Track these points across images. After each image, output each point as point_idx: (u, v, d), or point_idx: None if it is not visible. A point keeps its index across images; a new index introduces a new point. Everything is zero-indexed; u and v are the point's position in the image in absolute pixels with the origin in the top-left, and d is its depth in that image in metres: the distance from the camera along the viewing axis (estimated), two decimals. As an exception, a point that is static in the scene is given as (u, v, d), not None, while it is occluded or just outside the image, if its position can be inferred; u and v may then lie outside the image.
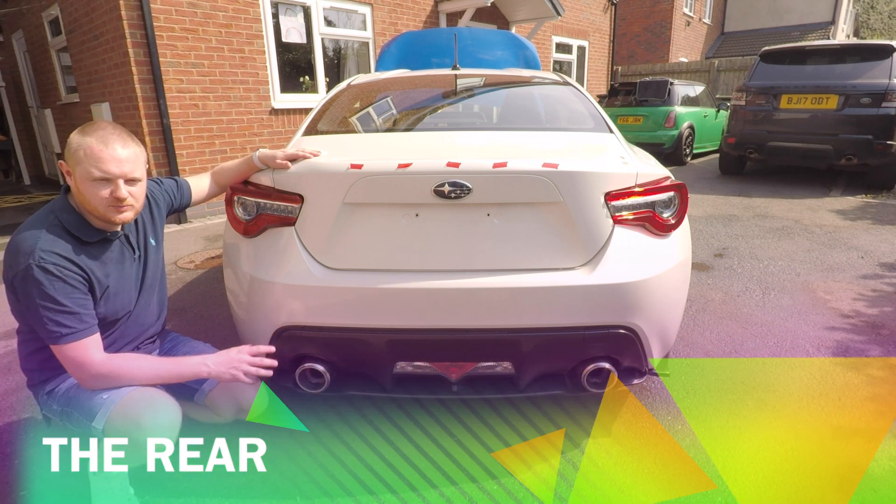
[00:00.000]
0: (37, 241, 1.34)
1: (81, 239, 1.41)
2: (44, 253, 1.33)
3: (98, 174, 1.35)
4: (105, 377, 1.41)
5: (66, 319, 1.35)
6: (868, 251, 4.17)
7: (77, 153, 1.35)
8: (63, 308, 1.34)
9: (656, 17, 17.85)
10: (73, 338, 1.36)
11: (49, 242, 1.35)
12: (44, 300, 1.32)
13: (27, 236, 1.35)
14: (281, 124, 6.46)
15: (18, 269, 1.32)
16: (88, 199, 1.38)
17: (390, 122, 2.31)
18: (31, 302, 1.33)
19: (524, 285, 1.58)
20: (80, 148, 1.35)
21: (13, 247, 1.36)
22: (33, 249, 1.32)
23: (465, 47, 3.59)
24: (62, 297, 1.34)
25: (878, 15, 29.05)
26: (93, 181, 1.35)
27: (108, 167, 1.35)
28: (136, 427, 1.37)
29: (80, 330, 1.37)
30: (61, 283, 1.34)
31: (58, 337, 1.35)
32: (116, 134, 1.39)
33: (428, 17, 8.17)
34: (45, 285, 1.32)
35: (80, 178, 1.36)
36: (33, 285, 1.32)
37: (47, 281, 1.32)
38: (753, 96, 6.75)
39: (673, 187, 1.74)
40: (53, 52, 7.06)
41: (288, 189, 1.68)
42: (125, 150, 1.39)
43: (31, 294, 1.33)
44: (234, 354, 1.53)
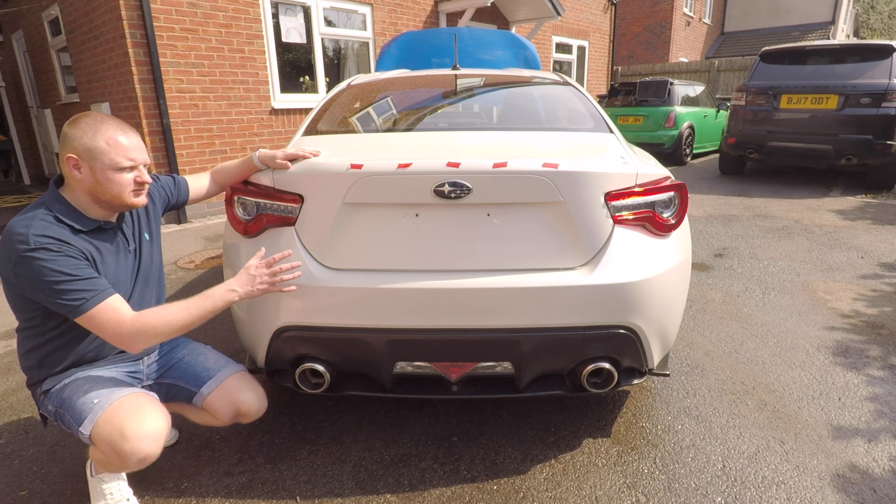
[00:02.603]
0: (28, 228, 1.32)
1: (75, 227, 1.40)
2: (38, 237, 1.31)
3: (127, 163, 1.42)
4: (145, 332, 1.39)
5: (82, 285, 1.34)
6: (868, 251, 4.17)
7: (97, 145, 1.38)
8: (75, 277, 1.33)
9: (656, 17, 17.85)
10: (95, 300, 1.35)
11: (42, 228, 1.34)
12: (53, 275, 1.31)
13: (18, 225, 1.33)
14: (281, 124, 6.46)
15: (17, 258, 1.30)
16: (110, 188, 1.41)
17: (390, 122, 2.31)
18: (41, 283, 1.31)
19: (524, 285, 1.58)
20: (101, 139, 1.38)
21: (6, 238, 1.33)
22: (27, 236, 1.31)
23: (465, 47, 3.60)
24: (70, 269, 1.33)
25: (878, 15, 29.05)
26: (118, 170, 1.41)
27: (135, 155, 1.44)
28: (120, 436, 1.35)
29: (100, 291, 1.36)
30: (64, 258, 1.33)
31: (80, 305, 1.34)
32: (122, 124, 1.46)
33: (428, 17, 8.17)
34: (48, 262, 1.31)
35: (103, 169, 1.39)
36: (38, 265, 1.30)
37: (49, 257, 1.31)
38: (753, 96, 6.75)
39: (673, 187, 1.74)
40: (53, 52, 7.06)
41: (288, 189, 1.68)
42: (137, 138, 1.48)
43: (39, 274, 1.31)
44: (252, 272, 1.53)
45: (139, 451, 1.36)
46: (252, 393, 1.69)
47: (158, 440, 1.40)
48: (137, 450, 1.36)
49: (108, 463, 1.42)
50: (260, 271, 1.53)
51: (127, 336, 1.38)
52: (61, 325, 1.45)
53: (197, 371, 1.68)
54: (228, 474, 1.81)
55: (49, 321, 1.44)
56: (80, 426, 1.40)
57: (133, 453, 1.35)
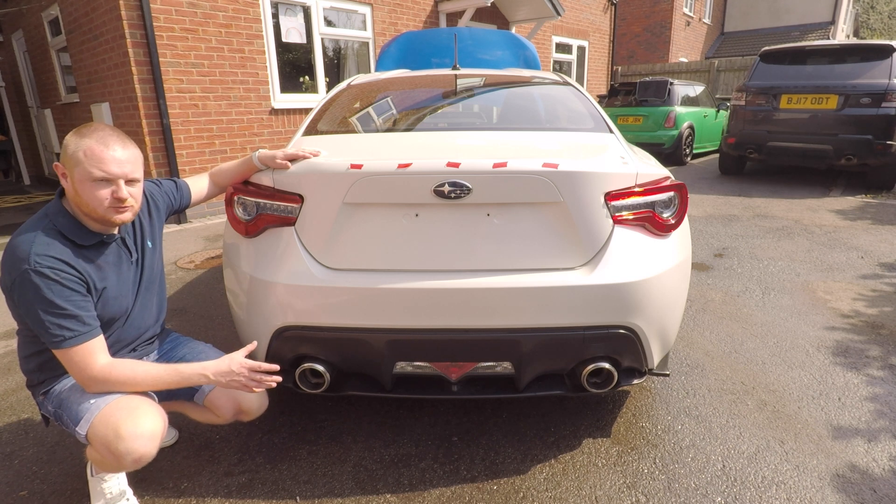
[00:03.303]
0: (31, 245, 1.33)
1: (77, 242, 1.40)
2: (39, 257, 1.32)
3: (99, 174, 1.35)
4: (106, 382, 1.40)
5: (66, 322, 1.34)
6: (868, 251, 4.17)
7: (76, 154, 1.34)
8: (63, 311, 1.34)
9: (656, 17, 17.86)
10: (74, 341, 1.36)
11: (44, 246, 1.34)
12: (43, 304, 1.32)
13: (22, 241, 1.34)
14: (281, 124, 6.46)
15: (15, 276, 1.32)
16: (87, 200, 1.37)
17: (390, 122, 2.31)
18: (30, 307, 1.33)
19: (524, 285, 1.58)
20: (80, 149, 1.34)
21: (9, 253, 1.35)
22: (28, 254, 1.32)
23: (465, 47, 3.60)
24: (61, 301, 1.33)
25: (878, 15, 29.05)
26: (93, 182, 1.35)
27: (110, 167, 1.35)
28: (115, 436, 1.35)
29: (81, 333, 1.36)
30: (59, 287, 1.33)
31: (60, 341, 1.34)
32: (115, 135, 1.40)
33: (428, 17, 8.17)
34: (42, 290, 1.31)
35: (80, 179, 1.35)
36: (31, 290, 1.31)
37: (45, 285, 1.32)
38: (753, 96, 6.76)
39: (673, 187, 1.74)
40: (53, 52, 7.06)
41: (288, 189, 1.68)
42: (125, 150, 1.40)
43: (30, 299, 1.32)
44: (234, 367, 1.49)
45: (134, 451, 1.36)
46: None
47: (154, 440, 1.40)
48: (133, 450, 1.35)
49: (105, 463, 1.42)
50: (241, 371, 1.49)
51: (90, 381, 1.40)
52: None
53: None
54: (228, 474, 1.81)
55: None
56: (76, 426, 1.40)
57: (128, 453, 1.35)
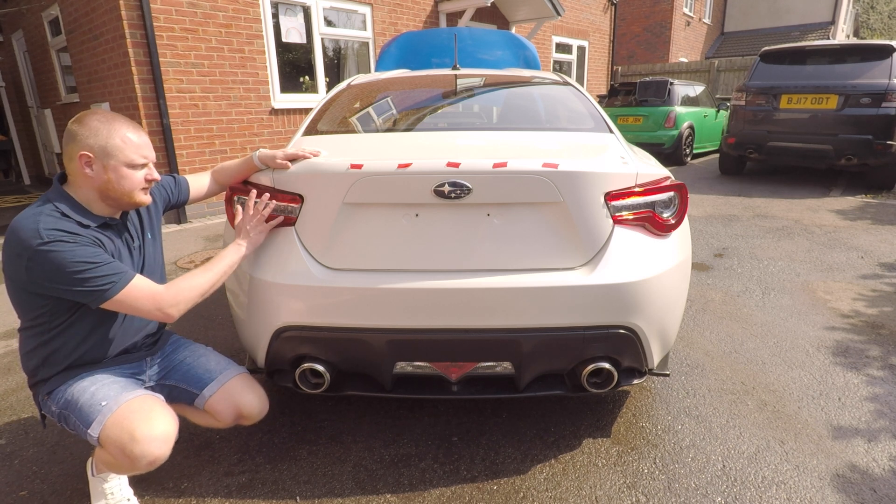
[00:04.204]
0: (38, 223, 1.31)
1: (81, 222, 1.40)
2: (49, 231, 1.31)
3: (140, 160, 1.45)
4: (180, 300, 1.45)
5: (105, 270, 1.34)
6: (868, 251, 4.17)
7: (113, 142, 1.40)
8: (97, 263, 1.34)
9: (656, 17, 17.85)
10: (123, 282, 1.37)
11: (51, 223, 1.33)
12: (74, 265, 1.31)
13: (27, 223, 1.32)
14: (281, 124, 6.46)
15: (31, 253, 1.29)
16: (121, 184, 1.42)
17: (390, 122, 2.31)
18: (62, 274, 1.30)
19: (524, 285, 1.58)
20: (116, 137, 1.40)
21: (12, 237, 1.32)
22: (38, 231, 1.30)
23: (465, 47, 3.60)
24: (90, 257, 1.33)
25: (878, 15, 29.05)
26: (132, 167, 1.43)
27: (147, 152, 1.48)
28: (130, 439, 1.35)
29: (124, 272, 1.38)
30: (81, 248, 1.33)
31: (109, 288, 1.34)
32: (135, 122, 1.49)
33: (428, 17, 8.17)
34: (67, 252, 1.30)
35: (117, 166, 1.41)
36: (57, 257, 1.29)
37: (68, 248, 1.31)
38: (753, 96, 6.75)
39: (673, 187, 1.74)
40: (53, 52, 7.06)
41: (288, 189, 1.68)
42: (146, 136, 1.51)
43: (60, 266, 1.30)
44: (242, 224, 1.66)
45: (149, 453, 1.36)
46: (253, 395, 1.69)
47: (168, 442, 1.41)
48: (148, 452, 1.36)
49: (117, 465, 1.42)
50: (251, 224, 1.65)
51: (167, 306, 1.43)
52: (68, 321, 1.44)
53: (199, 373, 1.67)
54: (228, 474, 1.81)
55: (56, 318, 1.43)
56: (87, 428, 1.39)
57: (143, 456, 1.36)
